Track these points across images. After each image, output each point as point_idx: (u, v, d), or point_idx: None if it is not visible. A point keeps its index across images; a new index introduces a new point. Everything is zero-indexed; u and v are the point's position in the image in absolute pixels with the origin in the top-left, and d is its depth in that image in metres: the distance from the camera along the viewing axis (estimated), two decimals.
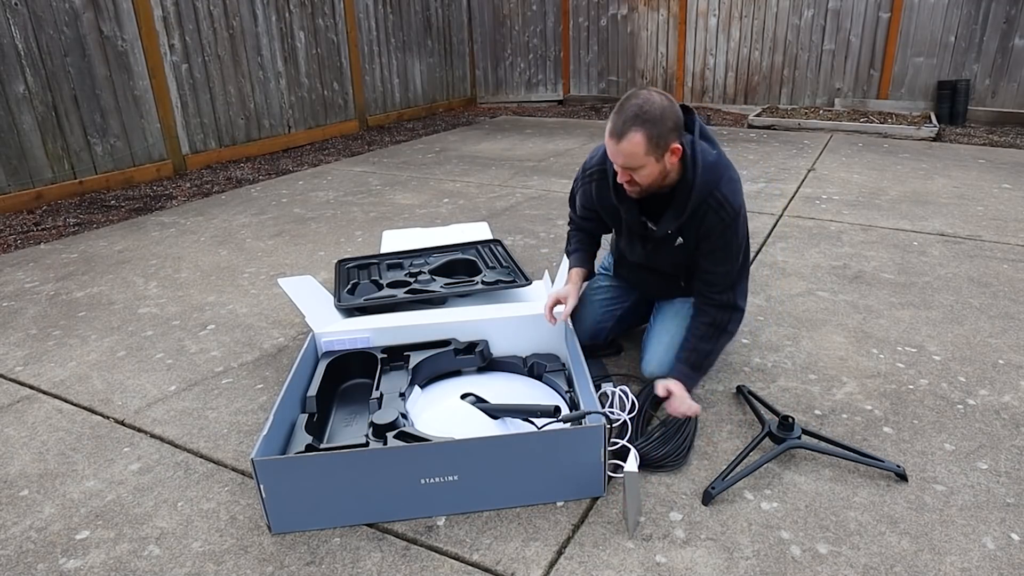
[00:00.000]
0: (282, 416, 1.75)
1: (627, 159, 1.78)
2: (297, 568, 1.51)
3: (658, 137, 1.75)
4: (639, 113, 1.73)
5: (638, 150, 1.75)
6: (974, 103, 6.65)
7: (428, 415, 1.91)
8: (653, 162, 1.79)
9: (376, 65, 7.31)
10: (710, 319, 1.99)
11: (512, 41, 8.67)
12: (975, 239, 3.43)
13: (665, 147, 1.78)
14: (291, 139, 6.38)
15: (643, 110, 1.73)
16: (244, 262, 3.43)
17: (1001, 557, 1.49)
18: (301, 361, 1.99)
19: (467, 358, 2.12)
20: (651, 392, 2.05)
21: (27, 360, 2.51)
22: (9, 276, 3.35)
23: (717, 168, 1.89)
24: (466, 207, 4.27)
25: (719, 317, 1.99)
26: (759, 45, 7.48)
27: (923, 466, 1.78)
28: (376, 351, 2.11)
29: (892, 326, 2.55)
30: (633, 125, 1.74)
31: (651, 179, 1.84)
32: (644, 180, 1.84)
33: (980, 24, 6.48)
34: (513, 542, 1.56)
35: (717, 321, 1.99)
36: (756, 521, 1.61)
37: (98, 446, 1.98)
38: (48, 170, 4.61)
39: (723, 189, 1.89)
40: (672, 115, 1.77)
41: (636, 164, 1.79)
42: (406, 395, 1.93)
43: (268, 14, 5.98)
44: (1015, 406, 2.03)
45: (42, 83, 4.49)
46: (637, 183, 1.85)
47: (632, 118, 1.74)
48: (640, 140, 1.74)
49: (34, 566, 1.55)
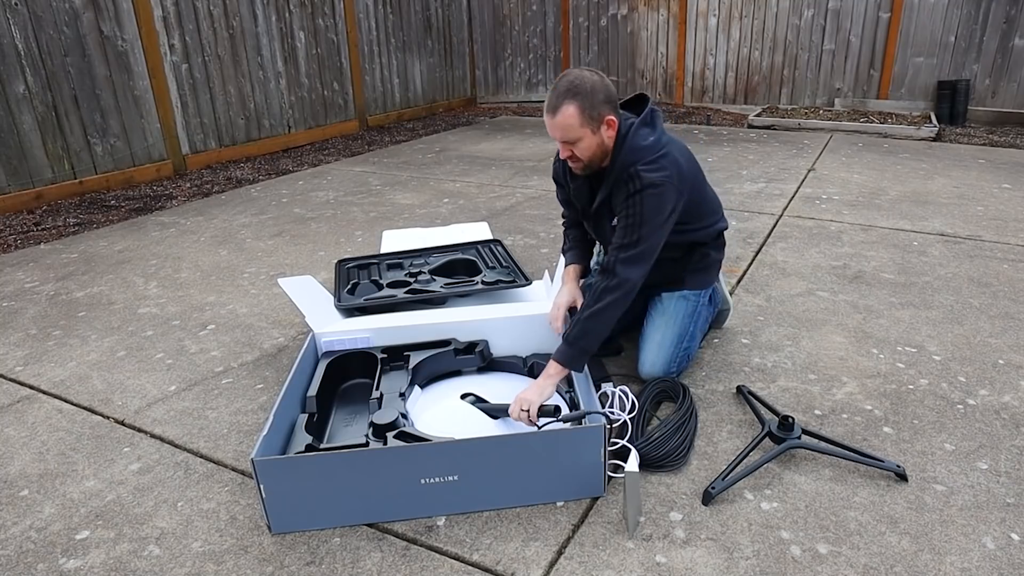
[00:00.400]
0: (282, 416, 1.75)
1: (563, 132, 1.88)
2: (297, 568, 1.51)
3: (590, 108, 1.85)
4: (570, 88, 1.85)
5: (572, 122, 1.85)
6: (974, 103, 6.65)
7: (428, 415, 1.91)
8: (589, 134, 1.89)
9: (376, 65, 7.31)
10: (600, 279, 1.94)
11: (512, 41, 8.67)
12: (975, 239, 3.43)
13: (599, 119, 1.88)
14: (291, 139, 6.39)
15: (574, 84, 1.85)
16: (244, 262, 3.43)
17: (1001, 557, 1.49)
18: (301, 361, 1.99)
19: (467, 358, 2.12)
20: (651, 392, 2.05)
21: (27, 360, 2.51)
22: (9, 276, 3.35)
23: (645, 149, 1.94)
24: (466, 207, 4.27)
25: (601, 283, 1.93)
26: (759, 45, 7.48)
27: (923, 466, 1.78)
28: (376, 351, 2.12)
29: (892, 326, 2.55)
30: (565, 99, 1.84)
31: (591, 152, 1.93)
32: (584, 154, 1.92)
33: (980, 24, 6.48)
34: (513, 542, 1.56)
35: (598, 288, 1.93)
36: (756, 521, 1.61)
37: (98, 446, 1.98)
38: (48, 170, 4.61)
39: (641, 166, 1.92)
40: (603, 89, 1.87)
41: (573, 136, 1.88)
42: (406, 395, 1.93)
43: (268, 14, 5.98)
44: (1015, 406, 2.03)
45: (42, 83, 4.49)
46: (579, 158, 1.94)
47: (564, 92, 1.85)
48: (573, 112, 1.84)
49: (34, 566, 1.55)
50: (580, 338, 1.90)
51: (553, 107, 1.87)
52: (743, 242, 3.46)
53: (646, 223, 1.92)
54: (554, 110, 1.87)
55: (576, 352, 1.90)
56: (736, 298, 2.81)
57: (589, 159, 1.95)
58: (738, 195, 4.31)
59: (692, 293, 2.22)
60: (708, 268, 2.25)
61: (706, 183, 2.18)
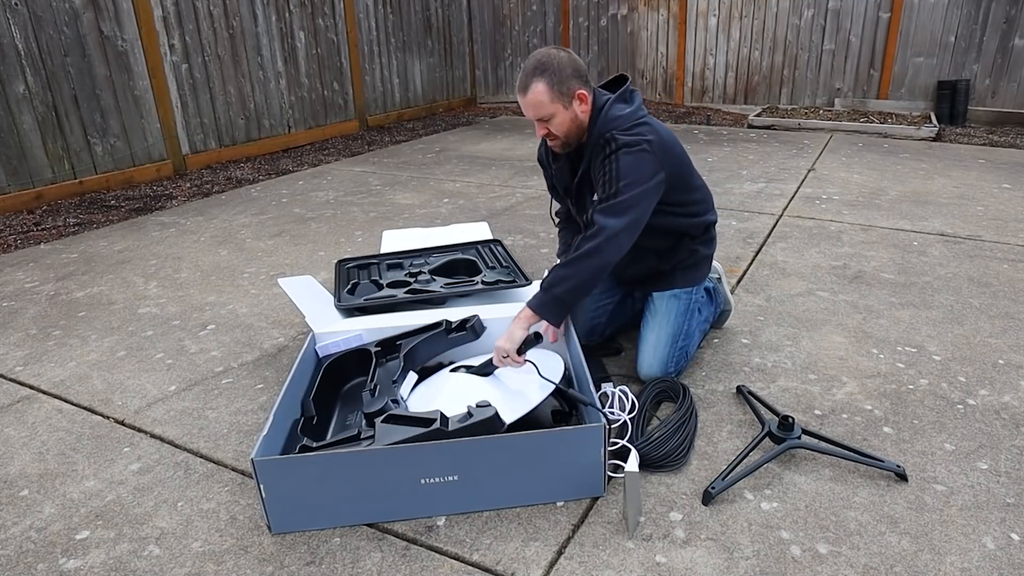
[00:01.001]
0: (282, 416, 1.75)
1: (536, 109, 1.91)
2: (297, 568, 1.51)
3: (559, 83, 1.89)
4: (538, 65, 1.89)
5: (543, 98, 1.89)
6: (974, 103, 6.65)
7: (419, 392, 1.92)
8: (562, 109, 1.92)
9: (376, 65, 7.31)
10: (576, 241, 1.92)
11: (512, 41, 8.67)
12: (975, 239, 3.43)
13: (570, 94, 1.91)
14: (291, 139, 6.39)
15: (541, 62, 1.89)
16: (244, 262, 3.43)
17: (1001, 557, 1.49)
18: (301, 361, 1.99)
19: (460, 335, 2.11)
20: (651, 392, 2.06)
21: (27, 360, 2.51)
22: (9, 276, 3.35)
23: (621, 119, 1.96)
24: (466, 207, 4.27)
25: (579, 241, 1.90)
26: (759, 45, 7.48)
27: (923, 466, 1.78)
28: (371, 346, 2.11)
29: (892, 326, 2.55)
30: (534, 76, 1.89)
31: (565, 127, 1.96)
32: (559, 129, 1.96)
33: (980, 24, 6.48)
34: (513, 542, 1.56)
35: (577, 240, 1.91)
36: (756, 521, 1.61)
37: (98, 446, 1.98)
38: (48, 170, 4.61)
39: (617, 132, 1.93)
40: (571, 64, 1.91)
41: (546, 113, 1.92)
42: (398, 381, 1.93)
43: (268, 14, 5.98)
44: (1015, 406, 2.03)
45: (42, 83, 4.49)
46: (555, 135, 1.98)
47: (532, 71, 1.90)
48: (543, 88, 1.88)
49: (34, 566, 1.55)
50: (554, 285, 1.86)
51: (524, 86, 1.91)
52: (743, 242, 3.46)
53: (623, 177, 1.89)
54: (524, 89, 1.91)
55: (549, 299, 1.86)
56: (736, 298, 2.81)
57: (565, 134, 1.98)
58: (738, 195, 4.31)
59: (683, 291, 2.22)
60: (698, 264, 2.25)
61: (693, 169, 2.16)
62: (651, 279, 2.25)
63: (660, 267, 2.21)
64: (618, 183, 1.89)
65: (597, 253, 1.85)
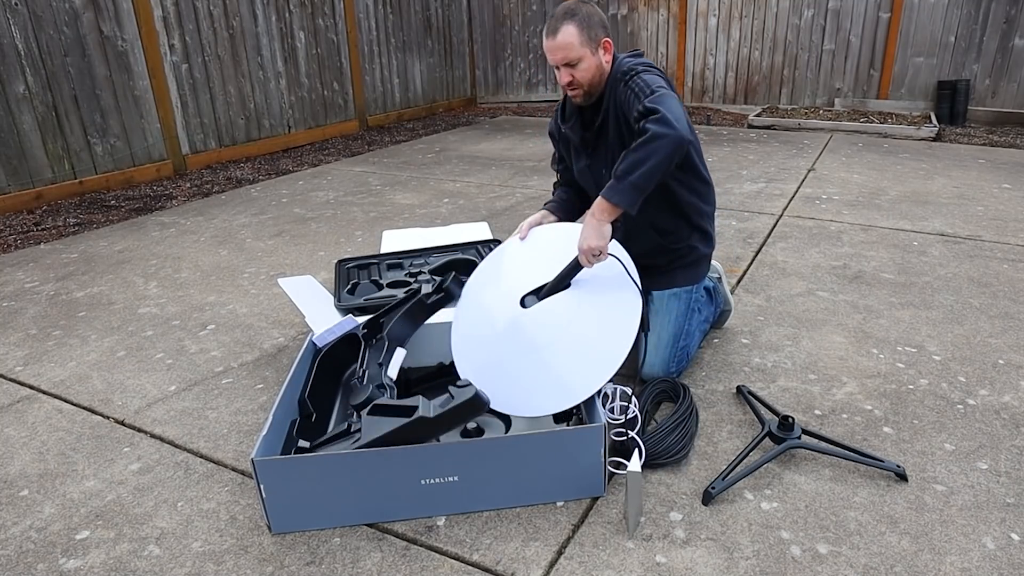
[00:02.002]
0: (282, 416, 1.75)
1: (565, 52, 1.96)
2: (297, 568, 1.51)
3: (588, 28, 1.96)
4: (567, 11, 1.98)
5: (572, 40, 1.95)
6: (974, 103, 6.65)
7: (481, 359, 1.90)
8: (589, 55, 1.98)
9: (376, 65, 7.31)
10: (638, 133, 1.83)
11: (512, 41, 8.67)
12: (975, 239, 3.43)
13: (597, 40, 1.99)
14: (291, 139, 6.39)
15: (570, 9, 1.98)
16: (244, 262, 3.43)
17: (1001, 557, 1.49)
18: (300, 361, 1.99)
19: (438, 299, 2.10)
20: (651, 392, 2.06)
21: (27, 360, 2.51)
22: (9, 276, 3.35)
23: (633, 59, 2.07)
24: (466, 207, 4.27)
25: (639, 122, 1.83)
26: (759, 45, 7.48)
27: (923, 466, 1.78)
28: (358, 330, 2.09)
29: (892, 326, 2.55)
30: (563, 20, 1.96)
31: (590, 75, 2.00)
32: (584, 76, 2.00)
33: (980, 24, 6.48)
34: (513, 542, 1.56)
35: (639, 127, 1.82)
36: (756, 521, 1.61)
37: (98, 446, 1.98)
38: (48, 170, 4.61)
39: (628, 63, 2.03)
40: (597, 13, 2.01)
41: (574, 56, 1.97)
42: (384, 363, 1.91)
43: (268, 14, 5.98)
44: (1015, 406, 2.03)
45: (42, 83, 4.49)
46: (578, 82, 2.01)
47: (562, 16, 1.97)
48: (573, 31, 1.95)
49: (34, 566, 1.55)
50: (628, 171, 1.76)
51: (553, 29, 1.96)
52: (743, 242, 3.46)
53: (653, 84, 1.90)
54: (554, 31, 1.95)
55: (625, 187, 1.76)
56: (736, 298, 2.81)
57: (589, 83, 2.02)
58: (738, 195, 4.31)
59: (683, 291, 2.22)
60: (697, 262, 2.26)
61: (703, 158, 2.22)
62: (650, 271, 2.21)
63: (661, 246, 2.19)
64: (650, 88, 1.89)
65: (667, 130, 1.74)
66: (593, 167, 2.21)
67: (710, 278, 2.46)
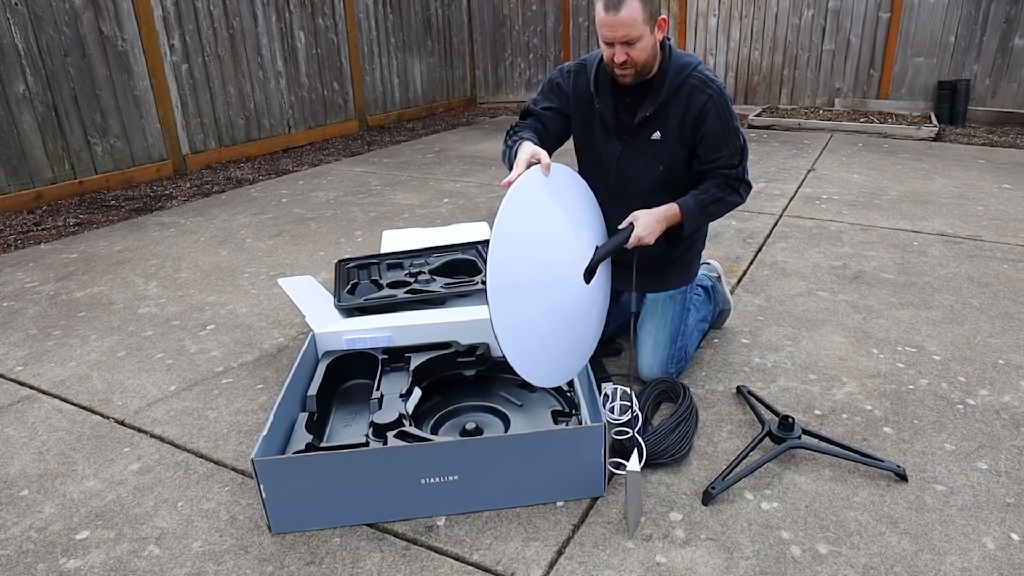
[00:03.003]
0: (282, 416, 1.75)
1: (628, 29, 1.80)
2: (297, 568, 1.51)
3: (650, 5, 1.82)
4: None
5: (637, 16, 1.79)
6: (974, 103, 6.65)
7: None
8: (648, 33, 1.84)
9: (376, 65, 7.31)
10: (723, 179, 2.03)
11: (512, 41, 8.67)
12: (975, 239, 3.43)
13: (655, 18, 1.85)
14: (291, 139, 6.38)
15: None
16: (244, 262, 3.43)
17: (1001, 557, 1.49)
18: (301, 361, 1.99)
19: (468, 360, 2.12)
20: (651, 393, 2.06)
21: (27, 360, 2.51)
22: (9, 276, 3.35)
23: (692, 56, 2.00)
24: (466, 207, 4.27)
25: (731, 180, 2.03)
26: (759, 45, 7.48)
27: (923, 466, 1.78)
28: (377, 352, 2.11)
29: (892, 326, 2.55)
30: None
31: (647, 54, 1.88)
32: (640, 55, 1.87)
33: (980, 24, 6.48)
34: (513, 542, 1.56)
35: (729, 181, 2.03)
36: (756, 521, 1.61)
37: (98, 446, 1.98)
38: (48, 170, 4.61)
39: (701, 69, 1.97)
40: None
41: (636, 34, 1.82)
42: (406, 396, 1.93)
43: (268, 14, 5.98)
44: (1015, 406, 2.03)
45: (42, 83, 4.49)
46: (633, 61, 1.87)
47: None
48: (637, 6, 1.79)
49: (34, 566, 1.55)
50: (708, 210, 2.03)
51: (616, 3, 1.79)
52: (743, 242, 3.46)
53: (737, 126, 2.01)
54: (617, 5, 1.79)
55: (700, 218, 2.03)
56: (736, 298, 2.81)
57: (644, 62, 1.89)
58: None
59: (679, 292, 2.22)
60: (690, 262, 2.25)
61: None
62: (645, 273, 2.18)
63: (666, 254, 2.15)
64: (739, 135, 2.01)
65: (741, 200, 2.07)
66: (625, 159, 2.06)
67: (709, 277, 2.46)
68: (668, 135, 1.99)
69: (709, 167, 2.02)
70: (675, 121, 1.97)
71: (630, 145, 2.05)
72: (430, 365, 2.08)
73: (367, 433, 1.73)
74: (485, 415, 1.95)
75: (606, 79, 2.02)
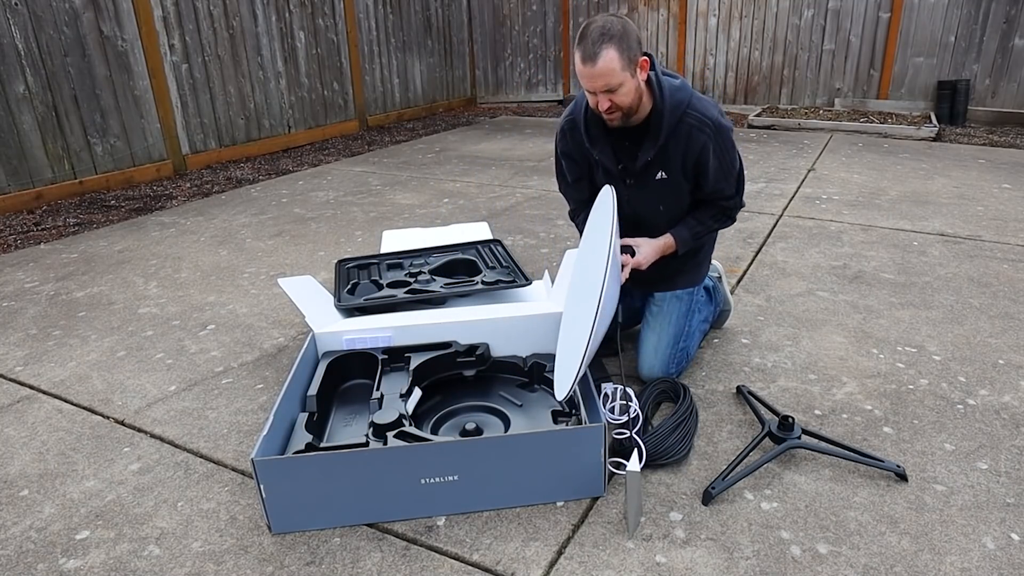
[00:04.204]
0: (282, 416, 1.75)
1: (607, 78, 1.81)
2: (297, 568, 1.51)
3: (628, 50, 1.81)
4: (604, 33, 1.79)
5: (614, 66, 1.80)
6: (974, 103, 6.65)
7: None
8: (629, 78, 1.84)
9: (376, 65, 7.31)
10: (720, 210, 2.15)
11: (512, 41, 8.67)
12: (975, 239, 3.43)
13: (635, 61, 1.84)
14: (291, 139, 6.39)
15: (606, 29, 1.80)
16: (244, 262, 3.43)
17: (1001, 557, 1.49)
18: (301, 361, 1.99)
19: (468, 360, 2.12)
20: (652, 392, 2.06)
21: (27, 360, 2.51)
22: (9, 276, 3.35)
23: (684, 89, 1.97)
24: (466, 207, 4.27)
25: (727, 210, 2.17)
26: (759, 45, 7.48)
27: (923, 466, 1.78)
28: (377, 352, 2.11)
29: (892, 326, 2.55)
30: (602, 44, 1.78)
31: (630, 98, 1.88)
32: (624, 100, 1.87)
33: (980, 24, 6.48)
34: (513, 542, 1.56)
35: (726, 211, 2.17)
36: (756, 521, 1.61)
37: (98, 446, 1.98)
38: (48, 170, 4.61)
39: (695, 105, 1.96)
40: (632, 30, 1.84)
41: (616, 82, 1.82)
42: (406, 396, 1.93)
43: (268, 14, 5.98)
44: (1015, 406, 2.03)
45: (42, 83, 4.49)
46: (618, 107, 1.88)
47: (599, 38, 1.79)
48: (614, 55, 1.79)
49: (34, 566, 1.55)
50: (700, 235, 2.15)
51: (592, 55, 1.79)
52: (743, 242, 3.46)
53: (736, 157, 2.07)
54: (594, 57, 1.79)
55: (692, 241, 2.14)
56: (736, 298, 2.81)
57: (629, 106, 1.90)
58: None
59: (685, 292, 2.23)
60: (699, 264, 2.26)
61: None
62: (656, 281, 2.23)
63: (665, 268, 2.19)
64: (737, 166, 2.08)
65: (732, 222, 2.21)
66: (635, 200, 2.11)
67: (710, 277, 2.46)
68: (672, 173, 2.05)
69: (708, 198, 2.13)
70: (677, 160, 2.02)
71: (637, 187, 2.10)
72: (430, 365, 2.08)
73: (367, 433, 1.73)
74: (485, 415, 1.95)
75: (597, 128, 2.05)
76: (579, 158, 2.15)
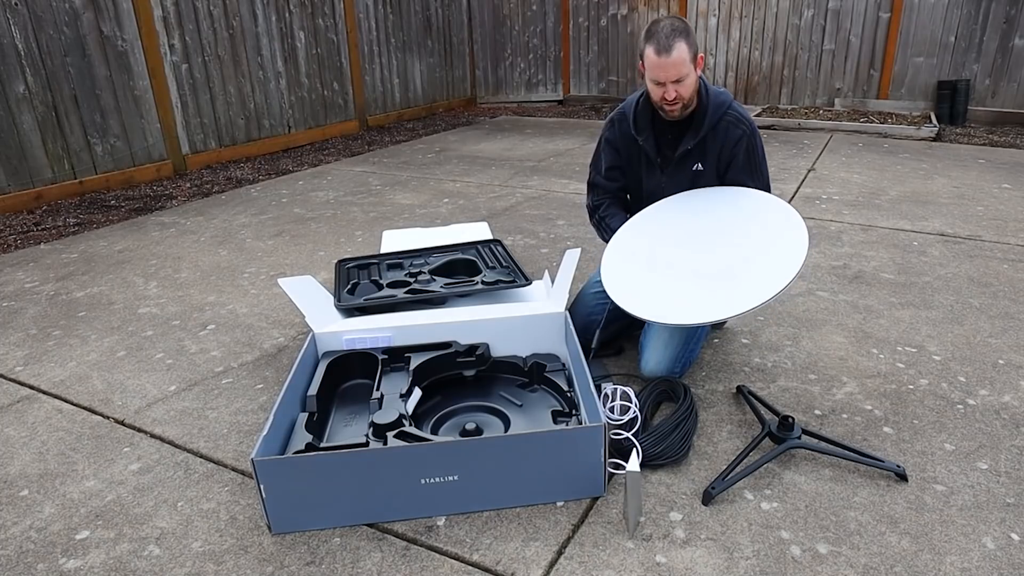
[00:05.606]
0: (282, 416, 1.75)
1: (679, 69, 2.02)
2: (297, 568, 1.51)
3: (693, 46, 2.04)
4: (675, 28, 2.02)
5: (685, 56, 2.01)
6: (974, 103, 6.65)
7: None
8: (693, 71, 2.06)
9: (376, 65, 7.31)
10: None
11: (512, 41, 8.67)
12: (975, 239, 3.43)
13: (696, 57, 2.06)
14: (291, 139, 6.39)
15: (675, 26, 2.02)
16: (244, 262, 3.43)
17: (1001, 557, 1.49)
18: (301, 361, 1.99)
19: (468, 360, 2.12)
20: (652, 392, 2.05)
21: (27, 360, 2.51)
22: (9, 276, 3.36)
23: (727, 93, 2.23)
24: (466, 207, 4.27)
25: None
26: (759, 45, 7.48)
27: (923, 466, 1.78)
28: (377, 352, 2.11)
29: (892, 326, 2.55)
30: (675, 38, 2.00)
31: (691, 91, 2.09)
32: (686, 92, 2.08)
33: (980, 24, 6.48)
34: (513, 542, 1.56)
35: None
36: (756, 521, 1.61)
37: (98, 446, 1.98)
38: (48, 170, 4.61)
39: (736, 107, 2.20)
40: (692, 29, 2.07)
41: (684, 73, 2.03)
42: (406, 396, 1.93)
43: (268, 14, 5.98)
44: (1015, 406, 2.03)
45: (42, 83, 4.49)
46: (680, 97, 2.08)
47: (671, 32, 2.01)
48: (684, 48, 2.01)
49: (34, 566, 1.55)
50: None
51: (667, 47, 1.99)
52: None
53: (765, 163, 2.25)
54: (668, 49, 1.99)
55: None
56: None
57: (689, 97, 2.10)
58: None
59: None
60: None
61: None
62: None
63: None
64: (766, 171, 2.27)
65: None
66: (669, 188, 2.29)
67: None
68: (708, 166, 2.22)
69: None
70: (713, 154, 2.20)
71: (673, 176, 2.27)
72: (430, 365, 2.08)
73: (367, 433, 1.73)
74: (485, 415, 1.95)
75: (644, 118, 2.25)
76: (621, 147, 2.35)
